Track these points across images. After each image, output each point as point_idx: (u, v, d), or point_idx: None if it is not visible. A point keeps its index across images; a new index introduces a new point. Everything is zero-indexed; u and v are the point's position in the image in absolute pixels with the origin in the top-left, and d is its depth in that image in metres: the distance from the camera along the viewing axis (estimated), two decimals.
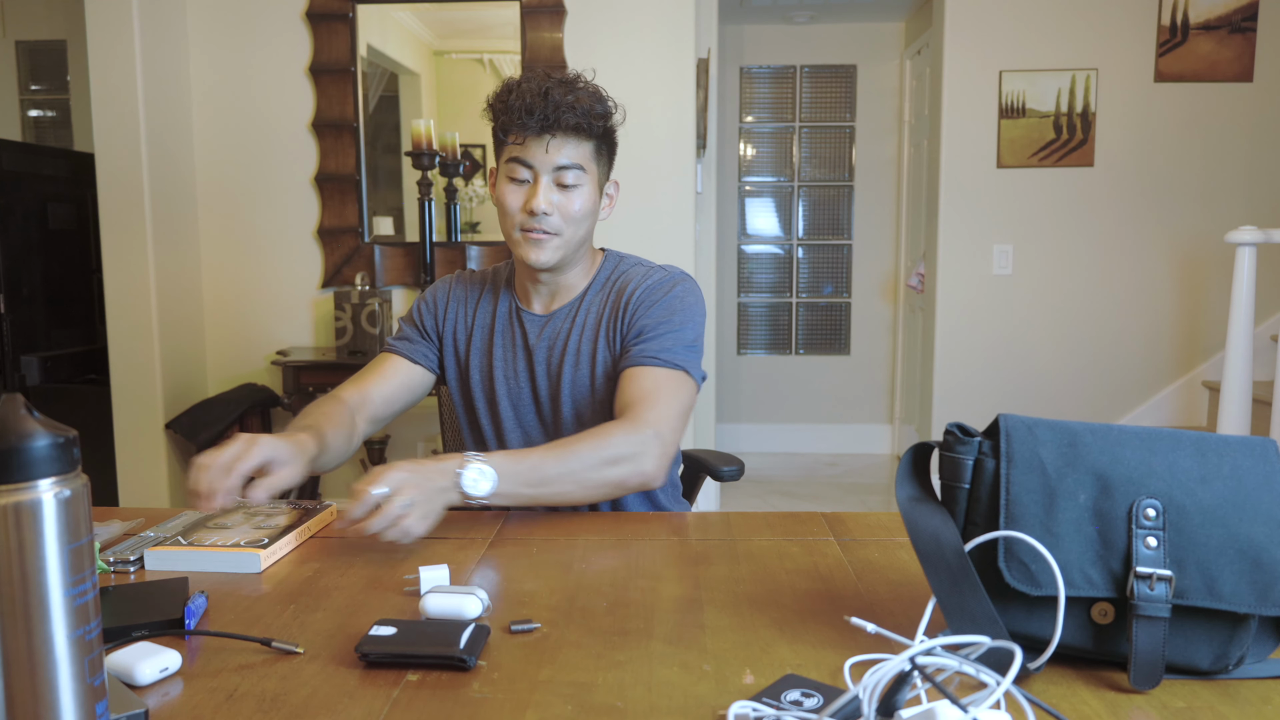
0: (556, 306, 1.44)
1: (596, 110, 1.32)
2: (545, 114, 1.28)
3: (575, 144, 1.32)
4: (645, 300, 1.37)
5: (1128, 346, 3.96)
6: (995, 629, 0.73)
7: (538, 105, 1.28)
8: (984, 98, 3.87)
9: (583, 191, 1.34)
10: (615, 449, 1.18)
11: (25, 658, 0.55)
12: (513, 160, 1.33)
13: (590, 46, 3.34)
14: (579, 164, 1.33)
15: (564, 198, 1.33)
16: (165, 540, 1.07)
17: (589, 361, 1.40)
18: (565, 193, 1.33)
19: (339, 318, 3.28)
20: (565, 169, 1.32)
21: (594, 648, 0.81)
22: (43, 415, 0.57)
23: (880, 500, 4.12)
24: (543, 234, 1.33)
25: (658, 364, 1.31)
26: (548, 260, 1.35)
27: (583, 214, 1.34)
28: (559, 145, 1.31)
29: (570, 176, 1.32)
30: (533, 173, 1.32)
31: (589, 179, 1.35)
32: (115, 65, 3.05)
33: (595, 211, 1.38)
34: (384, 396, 1.43)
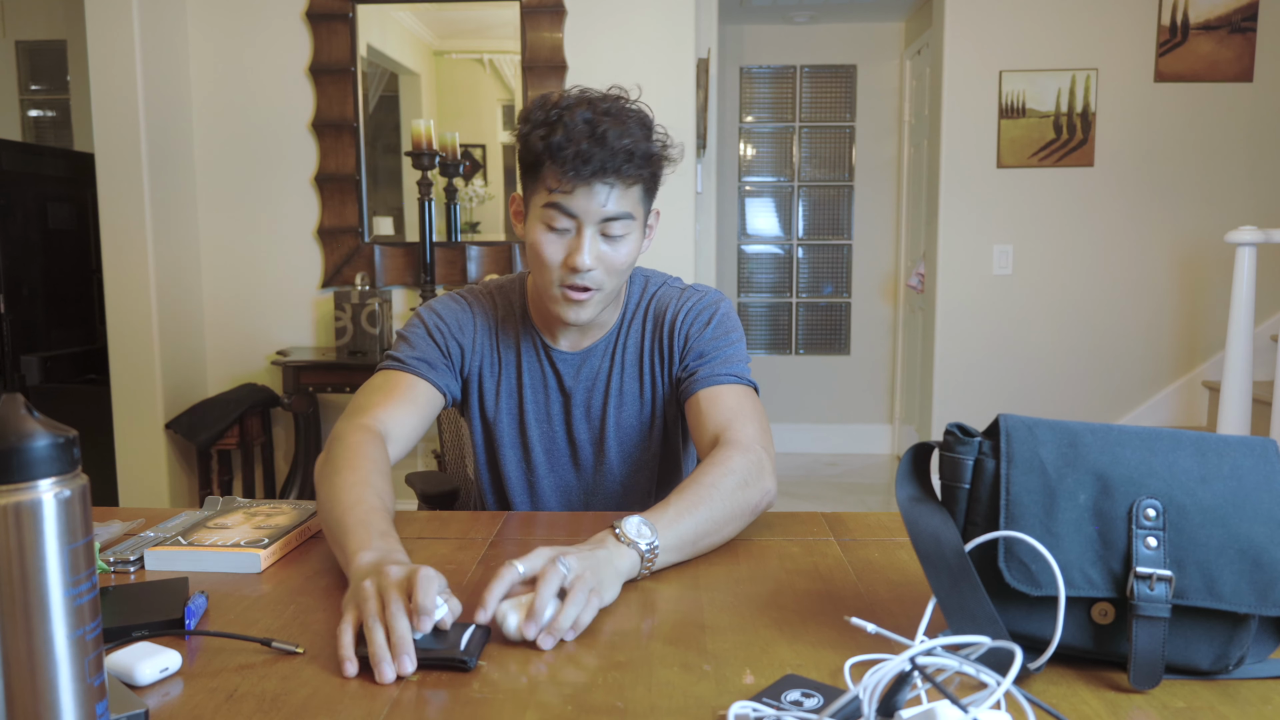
0: (590, 343, 1.31)
1: (653, 151, 1.17)
2: (602, 162, 1.11)
3: (625, 191, 1.16)
4: (697, 321, 1.28)
5: (1128, 346, 3.96)
6: (995, 629, 0.73)
7: (594, 151, 1.11)
8: (984, 98, 3.87)
9: (630, 240, 1.19)
10: (741, 473, 1.07)
11: (25, 658, 0.55)
12: (552, 206, 1.16)
13: (590, 46, 3.34)
14: (628, 212, 1.17)
15: (610, 249, 1.18)
16: (165, 540, 1.07)
17: (636, 400, 1.31)
18: (611, 243, 1.18)
19: (339, 318, 3.28)
20: (614, 220, 1.16)
21: (594, 648, 0.81)
22: (43, 415, 0.57)
23: (880, 500, 4.12)
24: (587, 292, 1.18)
25: (734, 380, 1.23)
26: (588, 318, 1.22)
27: (628, 264, 1.21)
28: (608, 194, 1.15)
29: (618, 228, 1.17)
30: (575, 223, 1.16)
31: (637, 225, 1.20)
32: (115, 65, 3.05)
33: (638, 252, 1.23)
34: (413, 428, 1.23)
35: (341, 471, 1.05)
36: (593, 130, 1.12)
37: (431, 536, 1.14)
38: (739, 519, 1.06)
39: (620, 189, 1.15)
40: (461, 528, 1.17)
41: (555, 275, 1.19)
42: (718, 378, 1.23)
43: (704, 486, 1.03)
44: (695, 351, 1.27)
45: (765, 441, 1.15)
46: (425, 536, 1.14)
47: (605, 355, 1.32)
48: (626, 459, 1.33)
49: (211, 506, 1.21)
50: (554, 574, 0.82)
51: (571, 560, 0.85)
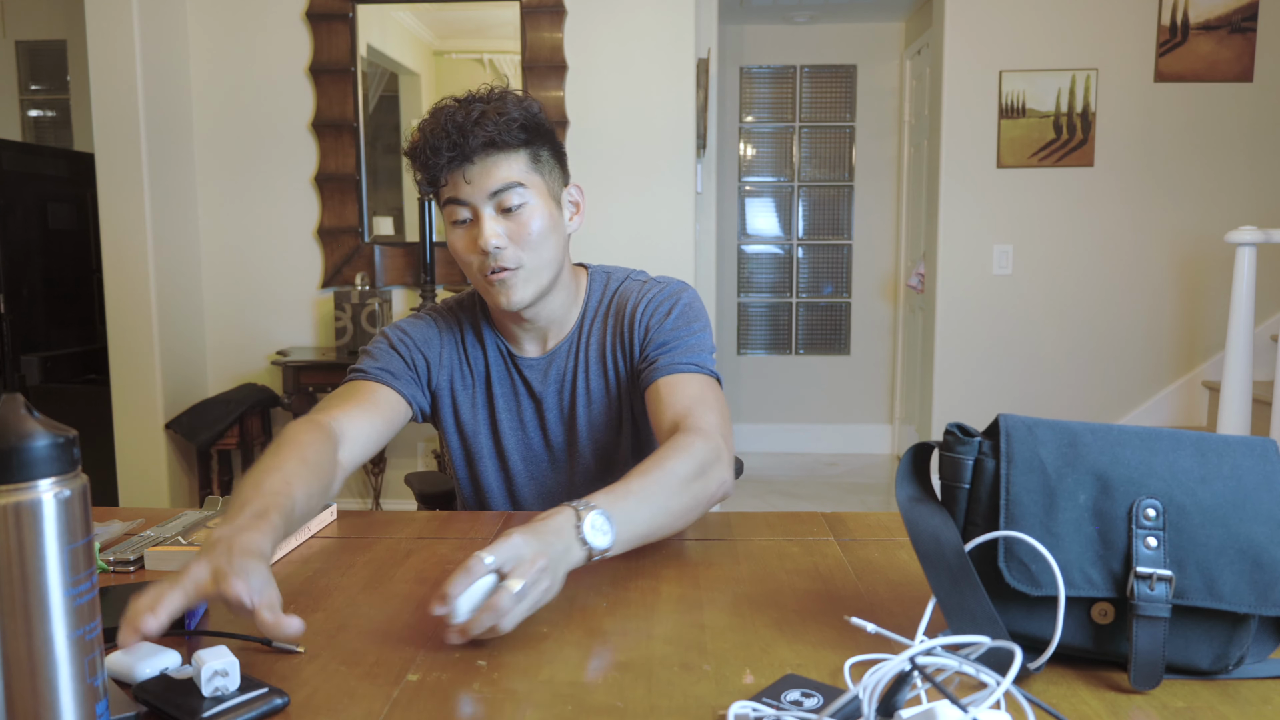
0: (554, 344, 1.30)
1: (510, 115, 1.15)
2: (454, 141, 1.13)
3: (501, 160, 1.16)
4: (657, 311, 1.25)
5: (1128, 346, 3.96)
6: (995, 629, 0.73)
7: (442, 137, 1.14)
8: (984, 98, 3.87)
9: (532, 210, 1.17)
10: (698, 459, 1.03)
11: (25, 658, 0.55)
12: (448, 203, 1.18)
13: (590, 46, 3.34)
14: (516, 181, 1.16)
15: (513, 223, 1.16)
16: (165, 540, 1.07)
17: (604, 397, 1.29)
18: (512, 217, 1.16)
19: (339, 318, 3.28)
20: (501, 192, 1.15)
21: (594, 648, 0.81)
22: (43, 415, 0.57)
23: (880, 500, 4.12)
24: (505, 272, 1.17)
25: (694, 369, 1.20)
26: (522, 299, 1.19)
27: (541, 234, 1.18)
28: (483, 169, 1.15)
29: (512, 198, 1.16)
30: (471, 209, 1.16)
31: (534, 194, 1.18)
32: (115, 65, 3.05)
33: (558, 227, 1.21)
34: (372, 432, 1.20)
35: (265, 458, 1.02)
36: (448, 120, 1.15)
37: (431, 536, 1.14)
38: (695, 510, 1.03)
39: (495, 159, 1.15)
40: (461, 528, 1.17)
41: (473, 265, 1.18)
42: (678, 366, 1.20)
43: (665, 474, 0.99)
44: (656, 341, 1.24)
45: (725, 431, 1.12)
46: (425, 536, 1.14)
47: (569, 355, 1.30)
48: (601, 457, 1.32)
49: (211, 506, 1.22)
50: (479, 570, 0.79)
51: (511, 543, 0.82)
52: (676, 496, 0.99)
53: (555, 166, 1.23)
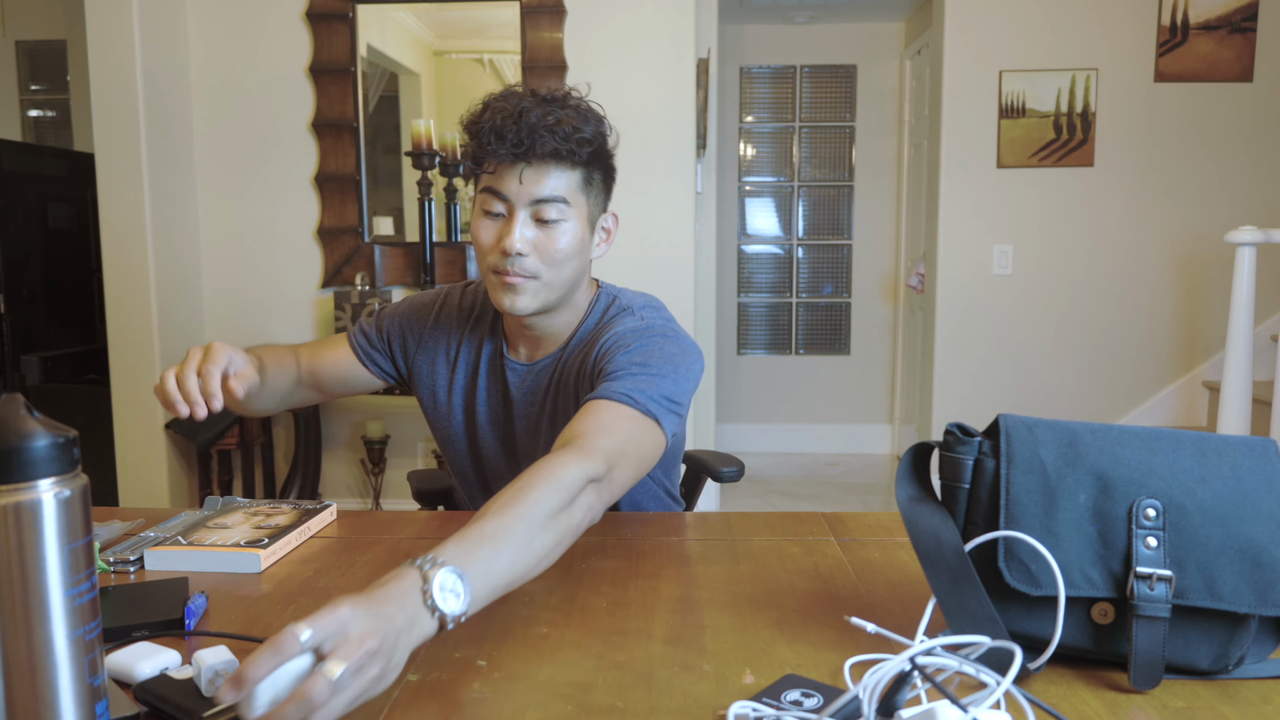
0: (540, 356, 1.28)
1: (583, 133, 1.13)
2: (519, 138, 1.10)
3: (557, 173, 1.13)
4: (619, 344, 1.16)
5: (1128, 346, 3.96)
6: (995, 629, 0.73)
7: (509, 128, 1.10)
8: (984, 98, 3.87)
9: (566, 228, 1.15)
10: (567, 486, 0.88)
11: (25, 658, 0.55)
12: (486, 190, 1.16)
13: (590, 46, 3.34)
14: (561, 197, 1.14)
15: (543, 235, 1.15)
16: (165, 540, 1.07)
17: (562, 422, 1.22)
18: (545, 229, 1.15)
19: (339, 318, 3.28)
20: (544, 202, 1.13)
21: (594, 648, 0.81)
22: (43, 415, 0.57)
23: (880, 500, 4.12)
24: (518, 278, 1.15)
25: (625, 401, 1.05)
26: (525, 307, 1.17)
27: (566, 255, 1.16)
28: (536, 175, 1.13)
29: (551, 211, 1.14)
30: (508, 206, 1.14)
31: (575, 214, 1.16)
32: (115, 65, 3.05)
33: (584, 251, 1.19)
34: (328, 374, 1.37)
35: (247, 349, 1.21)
36: (518, 111, 1.11)
37: (431, 536, 1.14)
38: (560, 548, 0.86)
39: (554, 172, 1.13)
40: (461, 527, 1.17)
41: (489, 260, 1.17)
42: (612, 395, 1.06)
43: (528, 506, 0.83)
44: (605, 372, 1.12)
45: (616, 459, 0.97)
46: (425, 536, 1.14)
47: (550, 372, 1.27)
48: None
49: (211, 506, 1.22)
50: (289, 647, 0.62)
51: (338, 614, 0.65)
52: (540, 535, 0.83)
53: (602, 192, 1.22)
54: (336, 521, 1.21)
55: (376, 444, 3.41)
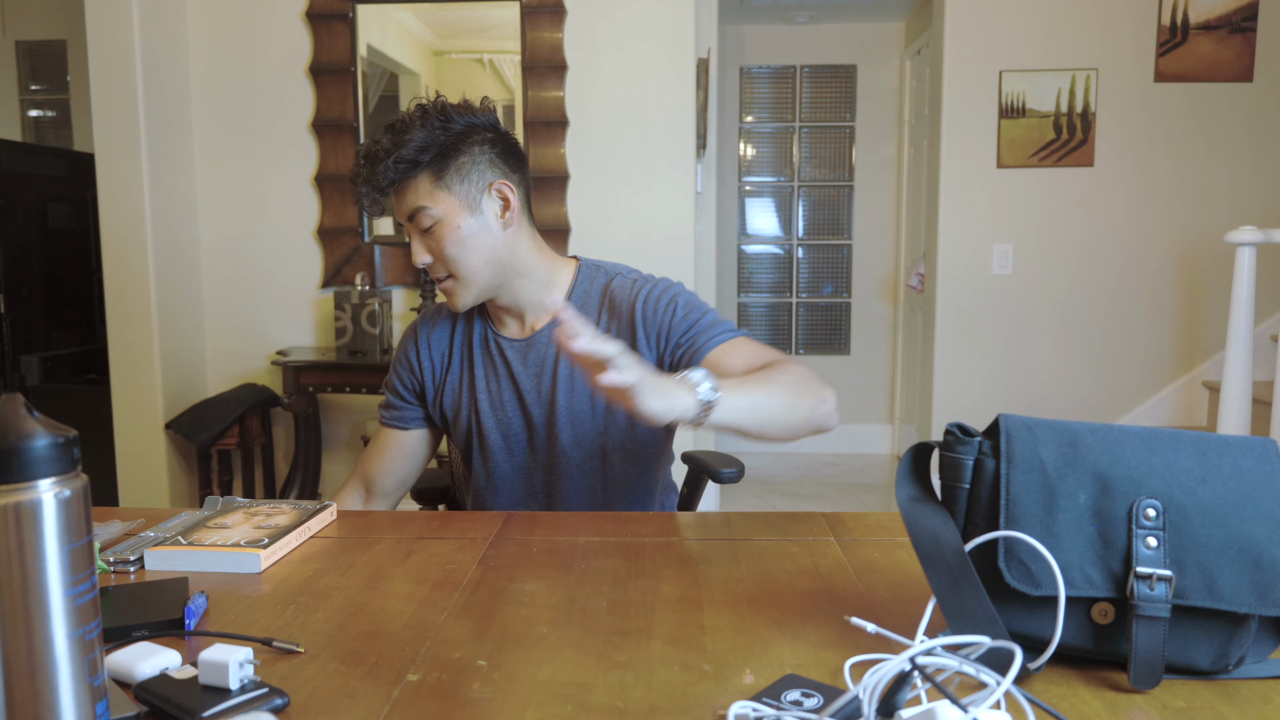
0: (538, 327, 1.36)
1: (406, 151, 1.23)
2: (370, 180, 1.24)
3: (407, 187, 1.26)
4: (659, 307, 1.30)
5: (1128, 346, 3.96)
6: (995, 629, 0.73)
7: (362, 174, 1.25)
8: (984, 98, 3.87)
9: (443, 227, 1.25)
10: (800, 373, 1.10)
11: (25, 658, 0.55)
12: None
13: (590, 46, 3.34)
14: (420, 205, 1.25)
15: (431, 240, 1.26)
16: (165, 540, 1.07)
17: (585, 384, 1.32)
18: (430, 235, 1.26)
19: (339, 318, 3.28)
20: (413, 217, 1.26)
21: (594, 648, 0.81)
22: (43, 415, 0.57)
23: (880, 500, 4.12)
24: (443, 282, 1.29)
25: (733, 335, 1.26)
26: (465, 302, 1.30)
27: (457, 248, 1.26)
28: (398, 199, 1.27)
29: (424, 220, 1.26)
30: (406, 229, 1.30)
31: (443, 211, 1.25)
32: (116, 65, 3.05)
33: (478, 233, 1.27)
34: (385, 470, 1.44)
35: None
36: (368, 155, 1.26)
37: (432, 536, 1.14)
38: (800, 408, 1.06)
39: (403, 189, 1.26)
40: (461, 528, 1.17)
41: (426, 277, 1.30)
42: (720, 337, 1.25)
43: (771, 375, 1.08)
44: (680, 330, 1.28)
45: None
46: (425, 536, 1.14)
47: (552, 340, 1.34)
48: (580, 443, 1.35)
49: (211, 506, 1.22)
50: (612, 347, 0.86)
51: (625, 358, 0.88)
52: (788, 391, 1.06)
53: (471, 173, 1.27)
54: (336, 521, 1.21)
55: None
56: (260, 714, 0.65)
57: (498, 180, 1.29)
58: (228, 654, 0.70)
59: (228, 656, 0.70)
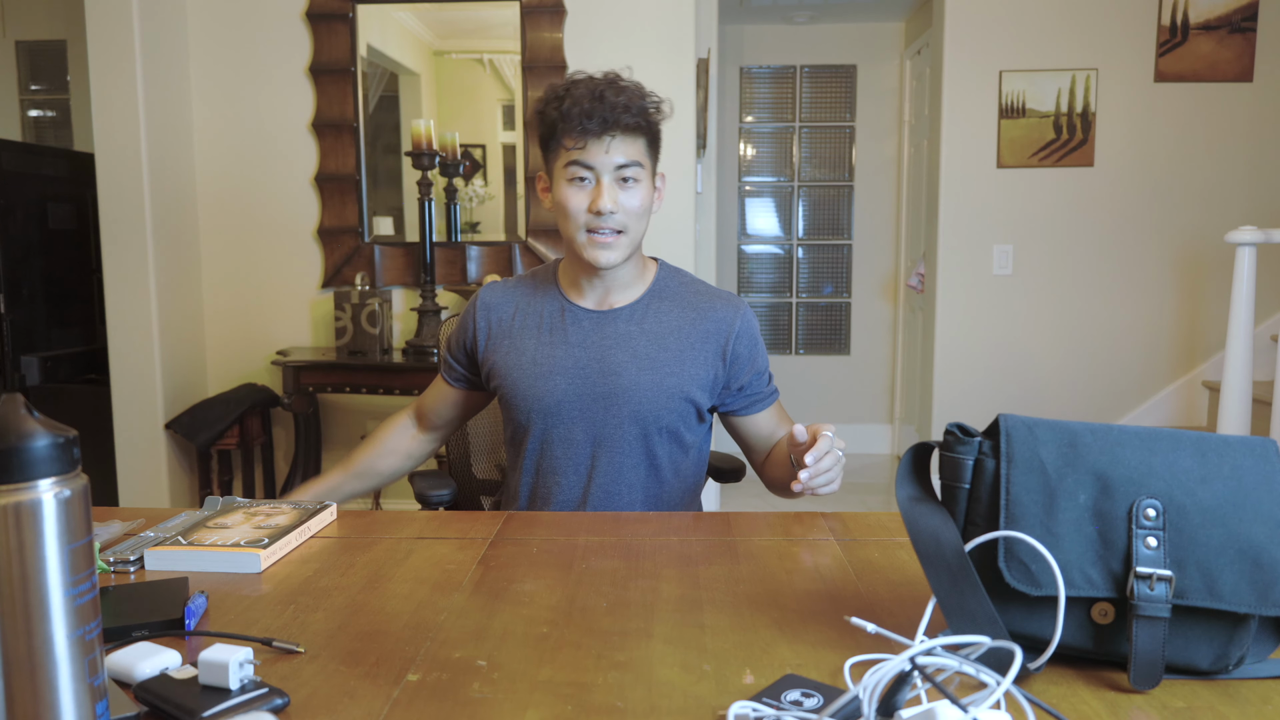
0: (616, 304, 1.43)
1: (648, 107, 1.36)
2: (604, 116, 1.31)
3: (631, 141, 1.35)
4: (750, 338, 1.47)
5: (1128, 346, 3.96)
6: (995, 629, 0.72)
7: (596, 109, 1.31)
8: (984, 98, 3.87)
9: (642, 187, 1.37)
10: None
11: (25, 658, 0.55)
12: (573, 164, 1.34)
13: (590, 46, 3.34)
14: (637, 160, 1.35)
15: (625, 195, 1.35)
16: (165, 540, 1.07)
17: (652, 361, 1.40)
18: (626, 190, 1.35)
19: (339, 318, 3.28)
20: (625, 166, 1.34)
21: (594, 648, 0.81)
22: (43, 415, 0.57)
23: (880, 500, 4.12)
24: (610, 234, 1.35)
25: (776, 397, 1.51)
26: (615, 260, 1.36)
27: (643, 209, 1.37)
28: (618, 145, 1.34)
29: (631, 172, 1.35)
30: (594, 174, 1.34)
31: (645, 174, 1.37)
32: (115, 65, 3.05)
33: (650, 206, 1.40)
34: (435, 411, 1.57)
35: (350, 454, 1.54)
36: (595, 94, 1.32)
37: (432, 536, 1.14)
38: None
39: (624, 140, 1.34)
40: (461, 528, 1.17)
41: (581, 221, 1.34)
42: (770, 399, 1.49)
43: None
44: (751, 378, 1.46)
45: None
46: (425, 536, 1.14)
47: (631, 320, 1.42)
48: (636, 419, 1.39)
49: (211, 506, 1.22)
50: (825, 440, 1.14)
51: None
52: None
53: (657, 156, 1.43)
54: (336, 521, 1.21)
55: None
56: (260, 714, 0.65)
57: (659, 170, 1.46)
58: (228, 654, 0.70)
59: (228, 656, 0.70)
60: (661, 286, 1.45)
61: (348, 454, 1.54)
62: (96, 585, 0.59)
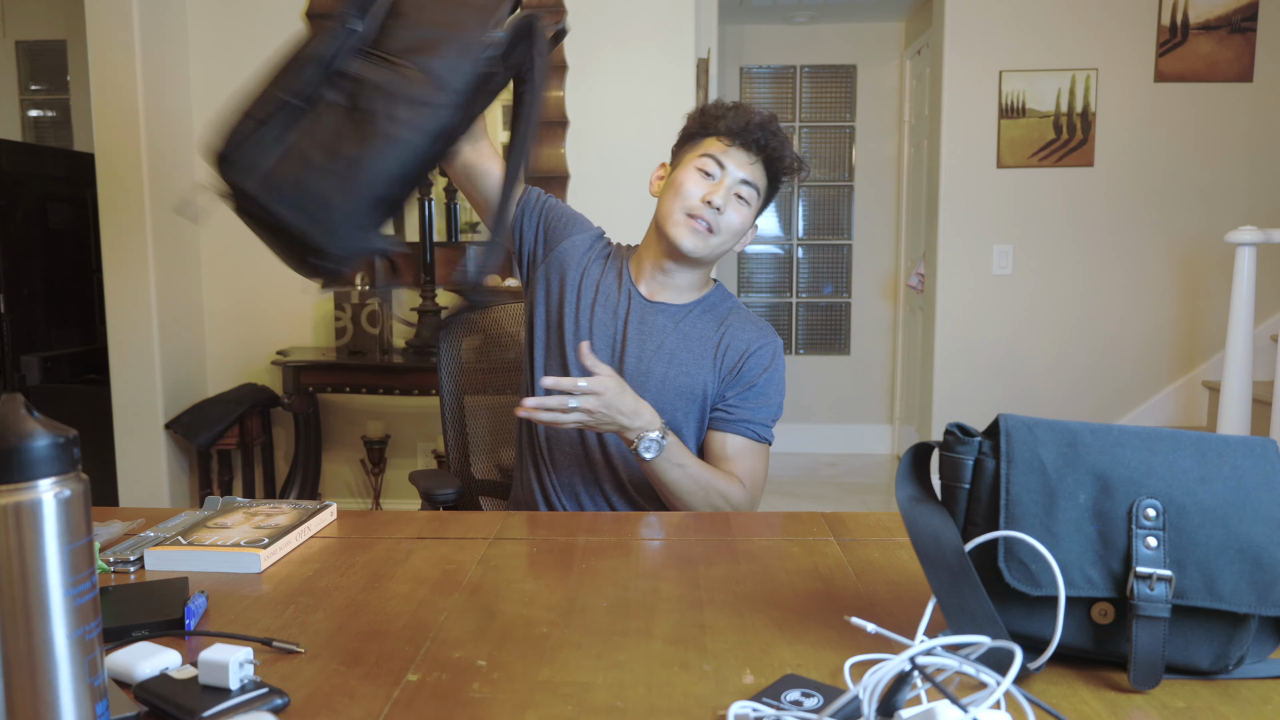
0: (662, 299, 1.48)
1: (790, 157, 1.45)
2: (761, 138, 1.42)
3: (762, 172, 1.44)
4: (760, 364, 1.45)
5: (1128, 346, 3.96)
6: (995, 629, 0.72)
7: (757, 129, 1.42)
8: (984, 98, 3.87)
9: (748, 211, 1.44)
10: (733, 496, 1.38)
11: (25, 658, 0.55)
12: (708, 156, 1.42)
13: (590, 46, 3.34)
14: (756, 183, 1.43)
15: (733, 209, 1.42)
16: (165, 540, 1.07)
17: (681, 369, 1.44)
18: (736, 205, 1.42)
19: (339, 318, 3.28)
20: (749, 184, 1.42)
21: (594, 648, 0.81)
22: (43, 415, 0.57)
23: (880, 500, 4.12)
24: (706, 226, 1.40)
25: (755, 438, 1.44)
26: (698, 249, 1.41)
27: (740, 229, 1.44)
28: (755, 167, 1.43)
29: (747, 191, 1.42)
30: (723, 174, 1.41)
31: (753, 208, 1.45)
32: (115, 65, 3.05)
33: (744, 231, 1.46)
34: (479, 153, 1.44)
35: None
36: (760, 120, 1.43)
37: (432, 536, 1.14)
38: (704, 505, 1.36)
39: (760, 166, 1.43)
40: (461, 528, 1.17)
41: (689, 203, 1.41)
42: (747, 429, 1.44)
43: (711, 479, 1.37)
44: (746, 384, 1.45)
45: (758, 493, 1.44)
46: (425, 536, 1.14)
47: (672, 318, 1.47)
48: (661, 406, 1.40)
49: (211, 506, 1.22)
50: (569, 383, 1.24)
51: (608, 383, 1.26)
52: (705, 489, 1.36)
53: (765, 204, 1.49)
54: (336, 521, 1.21)
55: (376, 444, 3.41)
56: (260, 714, 0.65)
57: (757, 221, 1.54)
58: (228, 654, 0.70)
59: (228, 656, 0.70)
60: (711, 303, 1.50)
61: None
62: (96, 585, 0.59)
